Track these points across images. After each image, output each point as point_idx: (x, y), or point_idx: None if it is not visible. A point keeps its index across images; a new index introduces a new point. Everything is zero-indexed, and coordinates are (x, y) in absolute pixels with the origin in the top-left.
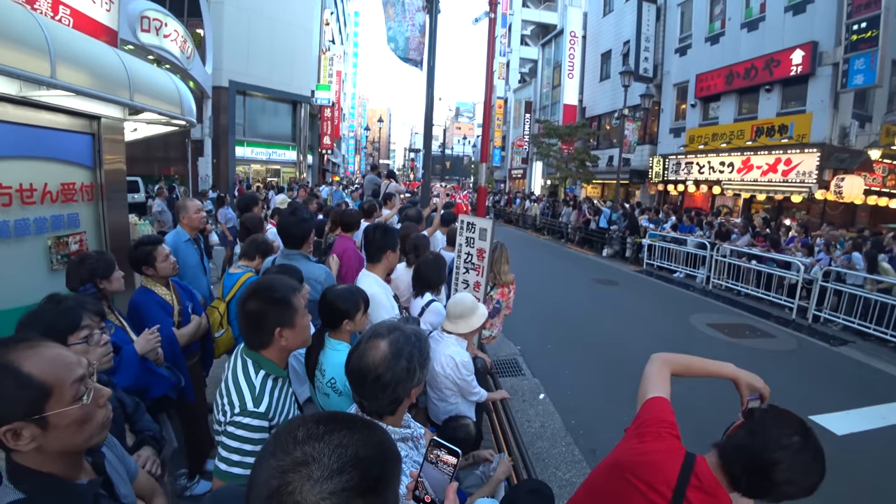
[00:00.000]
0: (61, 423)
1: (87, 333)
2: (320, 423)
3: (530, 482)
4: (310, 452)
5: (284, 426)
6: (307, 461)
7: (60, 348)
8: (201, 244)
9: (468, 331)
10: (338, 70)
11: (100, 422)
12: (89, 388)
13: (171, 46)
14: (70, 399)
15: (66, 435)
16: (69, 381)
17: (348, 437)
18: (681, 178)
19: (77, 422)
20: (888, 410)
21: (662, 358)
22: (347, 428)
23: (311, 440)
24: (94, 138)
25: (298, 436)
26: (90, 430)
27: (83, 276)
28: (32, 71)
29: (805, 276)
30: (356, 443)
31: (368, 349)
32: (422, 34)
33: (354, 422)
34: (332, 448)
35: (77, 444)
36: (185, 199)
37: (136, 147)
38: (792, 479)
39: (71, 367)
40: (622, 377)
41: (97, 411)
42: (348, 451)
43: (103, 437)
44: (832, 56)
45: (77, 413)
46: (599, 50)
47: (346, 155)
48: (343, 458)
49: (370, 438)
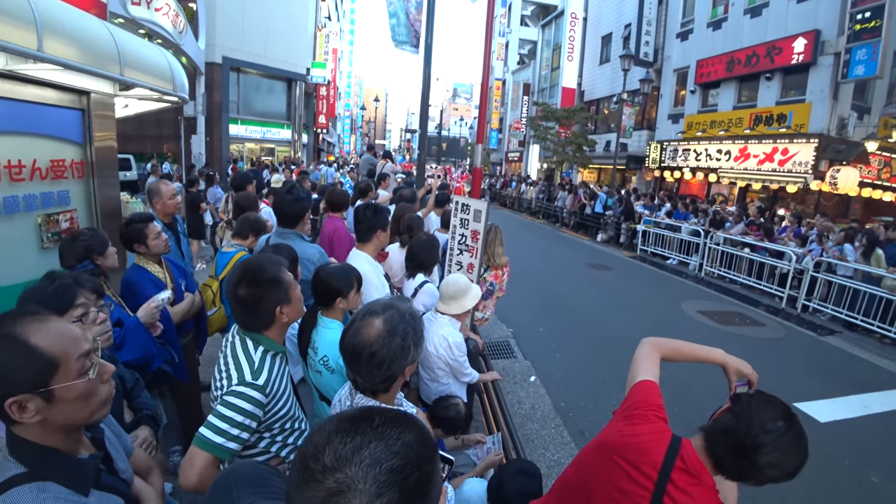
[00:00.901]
0: (67, 396)
1: (81, 312)
2: (346, 437)
3: (518, 462)
4: (343, 480)
5: (308, 448)
6: (342, 490)
7: (66, 323)
8: (178, 228)
9: (461, 312)
10: (334, 47)
11: (103, 397)
12: (95, 363)
13: (162, 20)
14: (76, 373)
15: (70, 409)
16: (76, 356)
17: (380, 450)
18: (677, 164)
19: (82, 396)
20: (870, 399)
21: (653, 342)
22: (376, 438)
23: (341, 465)
24: (84, 114)
25: (326, 462)
26: (94, 405)
27: (79, 252)
28: (18, 43)
29: (796, 265)
30: (389, 454)
31: (363, 326)
32: (419, 11)
33: (380, 426)
34: (365, 470)
35: (81, 419)
36: (159, 182)
37: (128, 124)
38: (775, 463)
39: (77, 342)
40: (613, 361)
41: (101, 387)
42: (382, 467)
43: (105, 413)
44: (834, 45)
45: (82, 387)
46: (600, 33)
47: (342, 135)
48: (379, 478)
49: (402, 442)
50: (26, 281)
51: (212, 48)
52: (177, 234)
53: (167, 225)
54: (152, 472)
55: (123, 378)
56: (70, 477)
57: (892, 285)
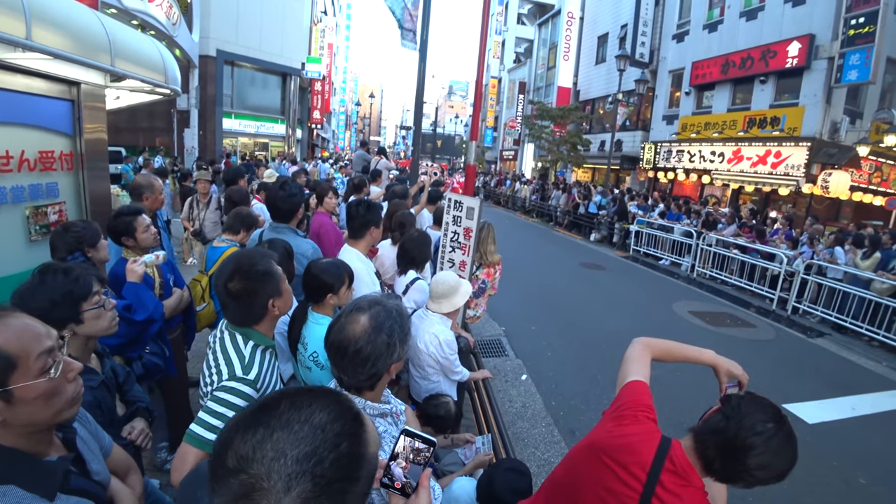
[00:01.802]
0: (27, 396)
1: (98, 299)
2: (246, 434)
3: (508, 461)
4: (248, 482)
5: (215, 453)
6: (247, 493)
7: (28, 318)
8: (160, 222)
9: (452, 310)
10: (329, 42)
11: (69, 396)
12: (58, 361)
13: (156, 11)
14: (37, 372)
15: (32, 410)
16: (36, 353)
17: (283, 440)
18: (671, 165)
19: (44, 396)
20: (858, 401)
21: (644, 342)
22: (279, 427)
23: (243, 465)
24: (74, 105)
25: (229, 464)
26: (58, 405)
27: (70, 244)
28: (6, 31)
29: (787, 267)
30: (293, 442)
31: (348, 322)
32: (415, 7)
33: (283, 412)
34: (268, 464)
35: (44, 420)
36: (150, 177)
37: (120, 116)
38: (764, 465)
39: (38, 339)
40: (604, 360)
41: (66, 385)
42: (287, 457)
43: (73, 413)
44: (828, 50)
45: (44, 387)
46: (596, 32)
47: (336, 130)
48: (285, 471)
49: (308, 426)
50: (13, 274)
51: (206, 41)
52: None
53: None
54: (131, 472)
55: (116, 371)
56: (34, 480)
57: (881, 288)
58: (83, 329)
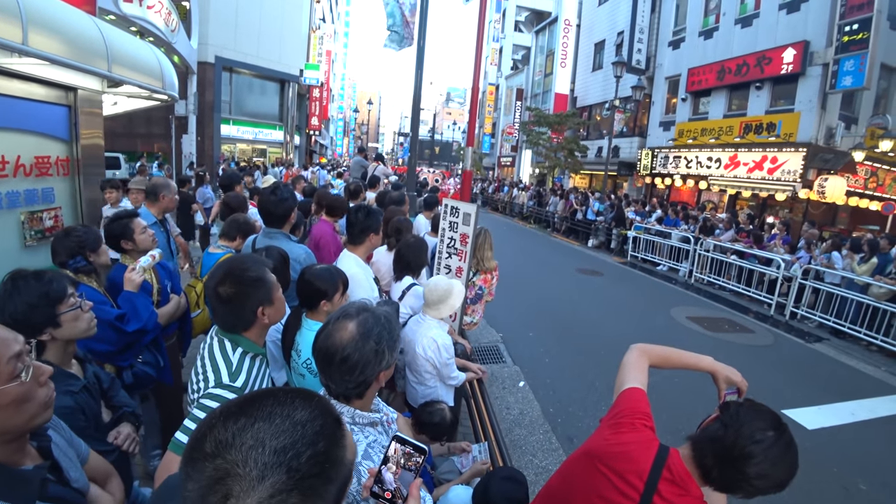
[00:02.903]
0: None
1: (74, 301)
2: (228, 422)
3: (505, 469)
4: (222, 466)
5: (192, 439)
6: (222, 477)
7: None
8: (167, 226)
9: (450, 312)
10: (328, 49)
11: (41, 401)
12: (27, 365)
13: (154, 18)
14: (6, 377)
15: (5, 416)
16: (5, 358)
17: (263, 431)
18: (668, 171)
19: (16, 401)
20: (857, 407)
21: (641, 348)
22: (261, 419)
23: (221, 449)
24: (71, 110)
25: (207, 448)
26: (31, 410)
27: (71, 248)
28: (3, 37)
29: (785, 273)
30: (273, 433)
31: (336, 329)
32: (412, 13)
33: (266, 406)
34: (245, 452)
35: (17, 425)
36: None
37: (117, 122)
38: (764, 474)
39: (6, 343)
40: (602, 367)
41: (38, 390)
42: (266, 447)
43: (47, 418)
44: (823, 56)
45: (15, 391)
46: (593, 39)
47: (335, 137)
48: (261, 460)
49: (289, 421)
50: None
51: (204, 47)
52: (167, 231)
53: (159, 221)
54: (111, 478)
55: (99, 377)
56: (11, 490)
57: (878, 293)
58: (62, 333)
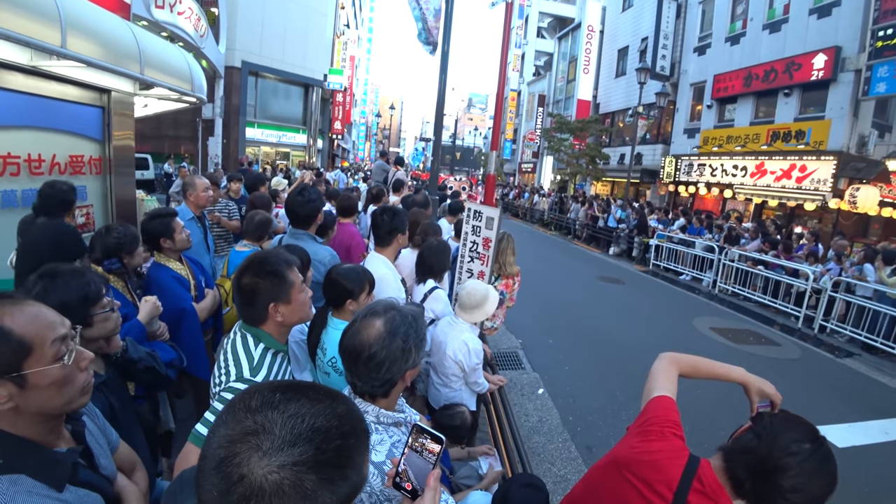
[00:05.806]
0: (40, 382)
1: (107, 301)
2: (278, 390)
3: (525, 476)
4: (261, 422)
5: (241, 394)
6: (257, 431)
7: (41, 306)
8: (205, 222)
9: (484, 318)
10: (351, 55)
11: (80, 385)
12: (71, 349)
13: (184, 24)
14: (50, 358)
15: (45, 396)
16: (50, 340)
17: (307, 407)
18: (692, 179)
19: (57, 383)
20: (891, 425)
21: (670, 357)
22: (308, 398)
23: (265, 408)
24: (104, 112)
25: (252, 404)
26: (70, 393)
27: (109, 248)
28: (43, 40)
29: (814, 284)
30: (315, 413)
31: (363, 327)
32: (437, 19)
33: (317, 391)
34: (285, 417)
35: (56, 407)
36: (194, 176)
37: (146, 124)
38: (798, 488)
39: (53, 326)
40: (622, 376)
41: (78, 374)
42: (305, 421)
43: (83, 402)
44: (855, 62)
45: (57, 373)
46: (616, 45)
47: (357, 141)
48: (297, 429)
49: (331, 409)
50: None
51: (232, 52)
52: (204, 228)
53: (197, 217)
54: (137, 469)
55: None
56: (43, 470)
57: None
58: (90, 332)
